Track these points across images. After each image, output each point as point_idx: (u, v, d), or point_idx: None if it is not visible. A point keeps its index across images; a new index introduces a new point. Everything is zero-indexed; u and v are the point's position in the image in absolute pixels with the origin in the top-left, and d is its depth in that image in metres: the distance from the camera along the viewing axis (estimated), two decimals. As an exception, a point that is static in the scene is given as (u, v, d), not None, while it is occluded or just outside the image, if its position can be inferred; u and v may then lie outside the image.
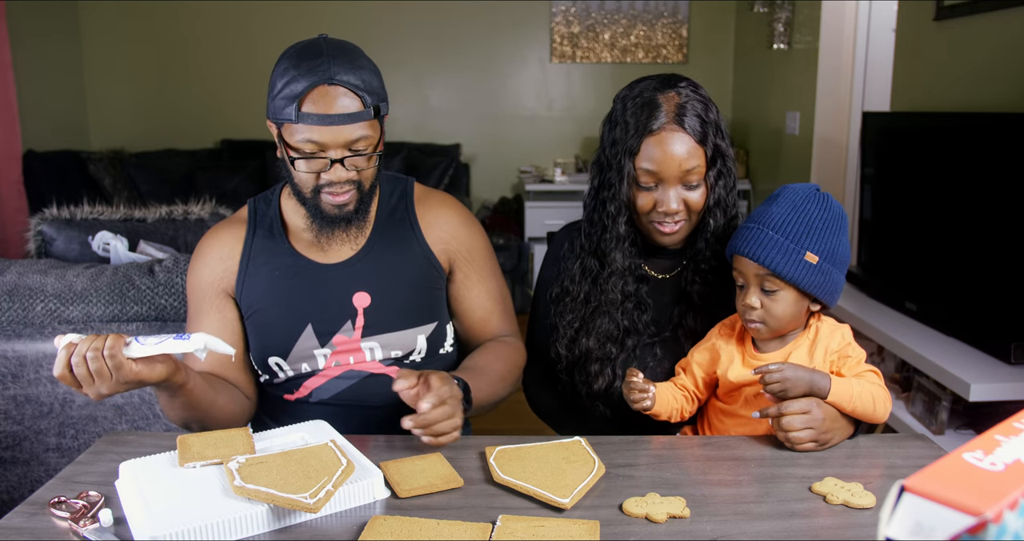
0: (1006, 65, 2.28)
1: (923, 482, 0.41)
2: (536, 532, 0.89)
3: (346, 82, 1.16)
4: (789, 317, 1.18)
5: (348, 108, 1.16)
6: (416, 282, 1.34)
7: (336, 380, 1.33)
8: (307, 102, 1.16)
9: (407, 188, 1.39)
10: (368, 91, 1.18)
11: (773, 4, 4.05)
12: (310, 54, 1.18)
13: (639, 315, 1.38)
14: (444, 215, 1.38)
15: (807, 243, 1.14)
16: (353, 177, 1.22)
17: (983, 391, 1.89)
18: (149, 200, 3.87)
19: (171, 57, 5.07)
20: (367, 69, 1.20)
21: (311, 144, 1.17)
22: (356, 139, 1.18)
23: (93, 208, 2.30)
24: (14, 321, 1.67)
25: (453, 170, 4.86)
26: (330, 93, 1.16)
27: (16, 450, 1.70)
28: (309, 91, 1.15)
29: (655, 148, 1.24)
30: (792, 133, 3.94)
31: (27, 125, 4.30)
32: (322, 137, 1.17)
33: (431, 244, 1.35)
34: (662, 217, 1.28)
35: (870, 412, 1.14)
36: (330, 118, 1.15)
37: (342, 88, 1.16)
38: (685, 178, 1.26)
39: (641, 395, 1.21)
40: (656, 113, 1.25)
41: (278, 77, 1.19)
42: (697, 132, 1.24)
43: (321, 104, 1.16)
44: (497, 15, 5.02)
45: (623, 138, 1.27)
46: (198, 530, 0.89)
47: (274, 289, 1.30)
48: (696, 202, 1.28)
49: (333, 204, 1.23)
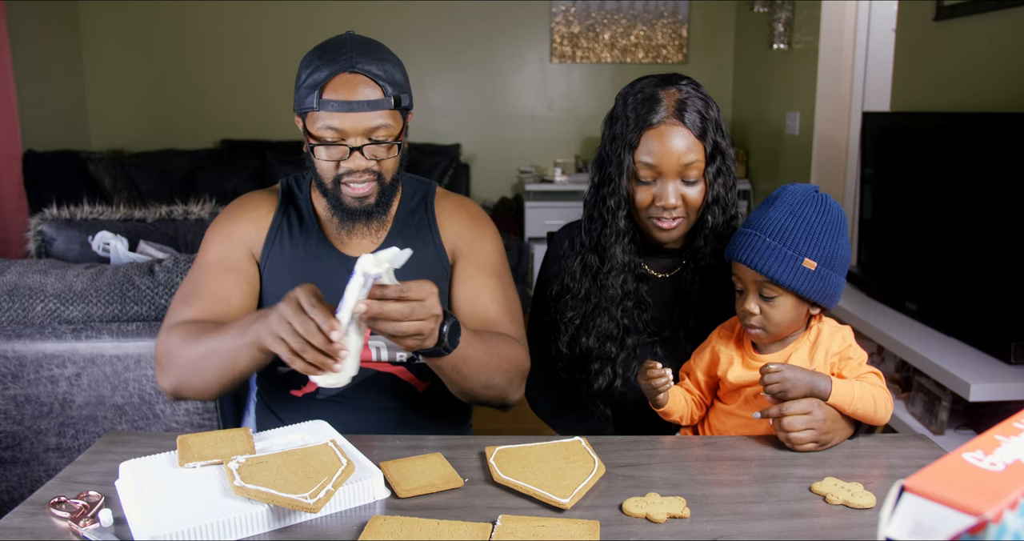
0: (1006, 65, 2.28)
1: (923, 482, 0.41)
2: (536, 532, 0.89)
3: (367, 71, 1.18)
4: (788, 322, 1.18)
5: (369, 96, 1.18)
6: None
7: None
8: (328, 89, 1.18)
9: (429, 190, 1.40)
10: (390, 82, 1.20)
11: (773, 4, 4.05)
12: (334, 46, 1.21)
13: (639, 314, 1.38)
14: (456, 215, 1.38)
15: (805, 249, 1.13)
16: (373, 167, 1.22)
17: (983, 391, 1.89)
18: (149, 200, 3.87)
19: (171, 57, 5.07)
20: (390, 62, 1.23)
21: (331, 131, 1.19)
22: (376, 127, 1.20)
23: (93, 208, 2.30)
24: (14, 321, 1.67)
25: (453, 170, 4.86)
26: (351, 81, 1.18)
27: (16, 450, 1.70)
28: (331, 79, 1.18)
29: (654, 142, 1.25)
30: (792, 133, 3.94)
31: (27, 125, 4.30)
32: (342, 124, 1.18)
33: (445, 243, 1.36)
34: (660, 212, 1.28)
35: (871, 414, 1.14)
36: (350, 105, 1.17)
37: (363, 76, 1.18)
38: (684, 172, 1.26)
39: (659, 374, 1.18)
40: (656, 108, 1.26)
41: (303, 69, 1.21)
42: (697, 127, 1.25)
43: (342, 91, 1.18)
44: (497, 15, 5.02)
45: (623, 133, 1.28)
46: (198, 530, 0.89)
47: (299, 268, 1.31)
48: (694, 198, 1.28)
49: (353, 196, 1.24)
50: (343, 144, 1.20)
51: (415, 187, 1.40)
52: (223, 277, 1.28)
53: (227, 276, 1.28)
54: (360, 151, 1.20)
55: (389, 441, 1.17)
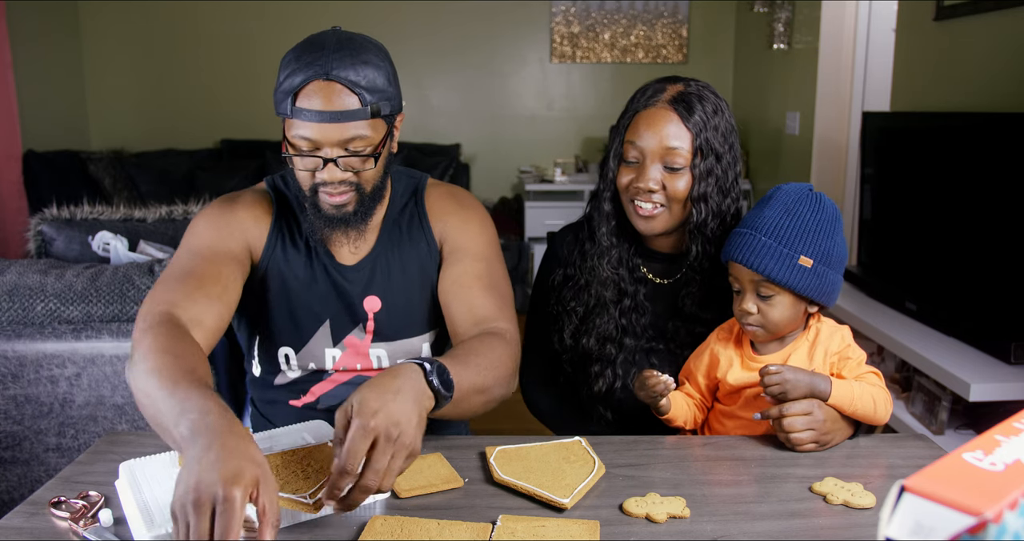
0: (1006, 65, 2.28)
1: (923, 482, 0.41)
2: (536, 532, 0.89)
3: (344, 78, 1.11)
4: (786, 320, 1.18)
5: (344, 105, 1.11)
6: (424, 283, 1.31)
7: (344, 386, 1.31)
8: (301, 97, 1.11)
9: (420, 184, 1.36)
10: (369, 89, 1.13)
11: (773, 4, 4.05)
12: (313, 47, 1.13)
13: (636, 317, 1.38)
14: (443, 203, 1.34)
15: (800, 247, 1.14)
16: (349, 178, 1.17)
17: (983, 391, 1.89)
18: (149, 200, 3.87)
19: (171, 57, 5.07)
20: (372, 65, 1.14)
21: (305, 141, 1.13)
22: (351, 138, 1.13)
23: (93, 208, 2.31)
24: (14, 321, 1.67)
25: (453, 170, 4.86)
26: (325, 89, 1.11)
27: (16, 450, 1.70)
28: (304, 85, 1.11)
29: (643, 123, 1.28)
30: (792, 133, 3.94)
31: (27, 125, 4.30)
32: (314, 134, 1.12)
33: (436, 235, 1.32)
34: (638, 194, 1.28)
35: (871, 414, 1.14)
36: (322, 115, 1.11)
37: (338, 84, 1.11)
38: (667, 157, 1.26)
39: (657, 381, 1.16)
40: (657, 95, 1.29)
41: (281, 70, 1.15)
42: (688, 117, 1.25)
43: (315, 100, 1.11)
44: (497, 15, 5.02)
45: (621, 120, 1.32)
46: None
47: (300, 276, 1.27)
48: (677, 189, 1.27)
49: (331, 204, 1.19)
50: (317, 155, 1.14)
51: (406, 183, 1.36)
52: (218, 261, 1.19)
53: (223, 261, 1.19)
54: (335, 162, 1.14)
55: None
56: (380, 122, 1.17)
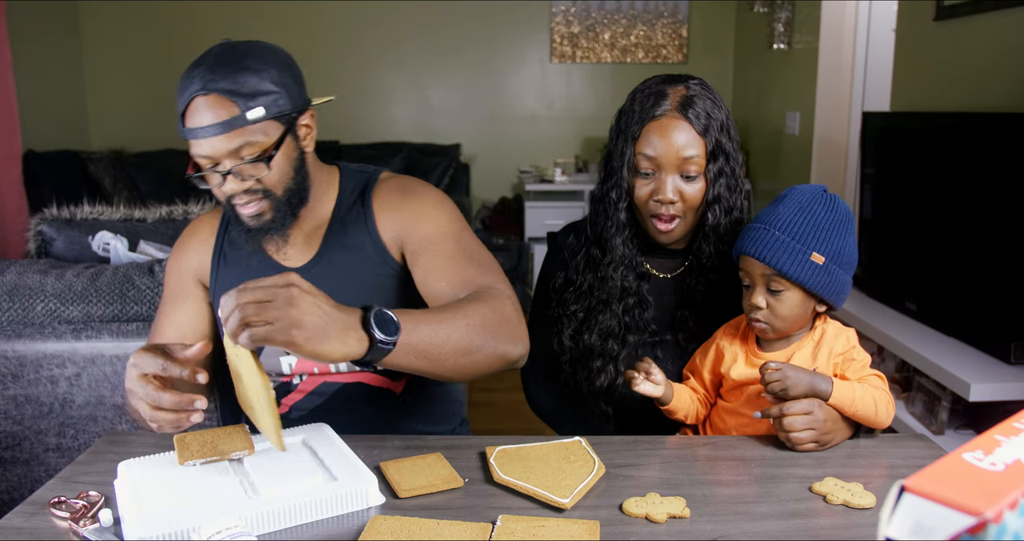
0: (1006, 65, 2.28)
1: (923, 482, 0.41)
2: (536, 532, 0.89)
3: (221, 89, 1.10)
4: (795, 317, 1.18)
5: (222, 116, 1.10)
6: (371, 282, 1.27)
7: (312, 396, 1.31)
8: (188, 116, 1.12)
9: (370, 181, 1.31)
10: (249, 94, 1.11)
11: (773, 4, 4.05)
12: (195, 65, 1.14)
13: (640, 312, 1.38)
14: (389, 199, 1.28)
15: (813, 243, 1.14)
16: (251, 186, 1.16)
17: (983, 391, 1.89)
18: (149, 200, 3.86)
19: (171, 57, 5.06)
20: (251, 70, 1.12)
21: (204, 158, 1.14)
22: (239, 147, 1.12)
23: (93, 208, 2.30)
24: (14, 321, 1.67)
25: (453, 170, 4.86)
26: (205, 104, 1.11)
27: (16, 450, 1.70)
28: (189, 104, 1.12)
29: (655, 134, 1.26)
30: (792, 133, 3.94)
31: (27, 125, 4.30)
32: (205, 150, 1.12)
33: (382, 235, 1.27)
34: (658, 207, 1.29)
35: (872, 416, 1.14)
36: (206, 130, 1.11)
37: (215, 96, 1.10)
38: (683, 167, 1.26)
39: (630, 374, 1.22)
40: (661, 102, 1.27)
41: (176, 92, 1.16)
42: (699, 124, 1.25)
43: (198, 116, 1.11)
44: (497, 15, 5.02)
45: (627, 126, 1.30)
46: (191, 531, 0.88)
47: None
48: (693, 196, 1.28)
49: (246, 215, 1.19)
50: (217, 171, 1.15)
51: (357, 179, 1.32)
52: (178, 309, 1.30)
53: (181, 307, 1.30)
54: (232, 173, 1.14)
55: (389, 441, 1.17)
56: (272, 124, 1.15)
